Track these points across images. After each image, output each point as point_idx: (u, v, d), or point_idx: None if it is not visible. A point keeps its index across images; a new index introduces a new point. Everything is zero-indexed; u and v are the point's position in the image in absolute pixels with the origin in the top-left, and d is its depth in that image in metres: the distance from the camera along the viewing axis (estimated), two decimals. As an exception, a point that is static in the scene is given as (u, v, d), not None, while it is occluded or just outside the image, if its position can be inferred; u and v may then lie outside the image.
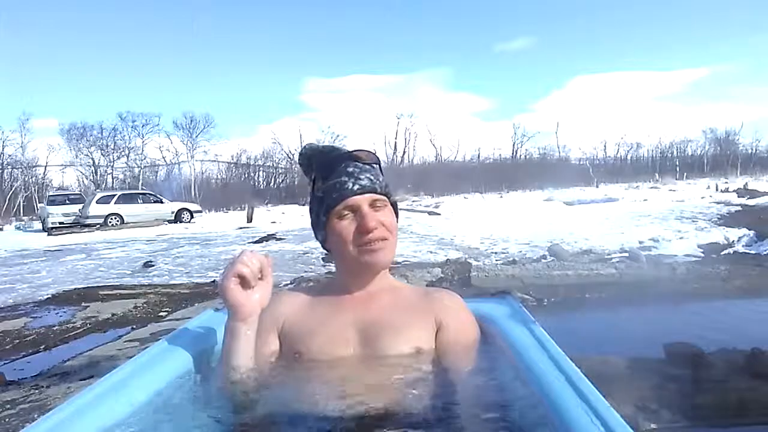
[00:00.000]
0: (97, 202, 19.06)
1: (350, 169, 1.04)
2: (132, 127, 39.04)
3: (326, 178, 1.06)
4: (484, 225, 12.01)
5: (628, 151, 51.57)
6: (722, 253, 6.98)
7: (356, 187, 1.02)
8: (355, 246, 1.03)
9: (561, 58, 75.39)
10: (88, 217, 18.66)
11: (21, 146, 37.60)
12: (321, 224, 1.08)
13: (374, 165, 1.08)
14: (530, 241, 8.79)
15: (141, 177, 38.30)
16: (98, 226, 18.24)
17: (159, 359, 1.01)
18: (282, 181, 43.88)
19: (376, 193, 1.04)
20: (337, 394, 0.87)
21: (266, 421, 0.84)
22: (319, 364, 0.99)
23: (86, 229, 17.80)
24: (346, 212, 1.03)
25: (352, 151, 1.07)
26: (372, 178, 1.04)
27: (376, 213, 1.03)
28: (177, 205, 20.99)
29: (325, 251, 1.14)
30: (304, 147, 1.11)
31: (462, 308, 1.10)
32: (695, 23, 72.68)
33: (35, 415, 2.58)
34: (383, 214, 1.04)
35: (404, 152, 45.83)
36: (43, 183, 38.52)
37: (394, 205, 1.10)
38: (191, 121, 40.30)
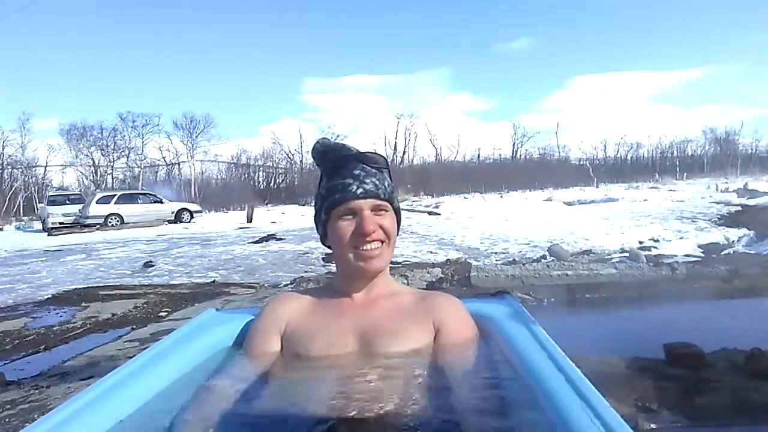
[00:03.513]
0: (97, 202, 19.06)
1: (356, 172, 1.04)
2: (132, 127, 39.00)
3: (332, 176, 1.06)
4: (484, 225, 12.02)
5: (628, 151, 51.54)
6: (722, 253, 6.99)
7: (360, 190, 1.02)
8: (351, 247, 1.04)
9: (561, 59, 75.14)
10: (88, 217, 18.66)
11: (21, 146, 37.56)
12: (321, 222, 1.09)
13: (381, 169, 1.08)
14: (530, 241, 8.79)
15: (141, 177, 38.26)
16: (98, 226, 18.24)
17: (159, 359, 1.01)
18: (282, 181, 43.81)
19: (379, 198, 1.04)
20: (336, 396, 0.87)
21: (266, 422, 0.84)
22: (318, 367, 0.99)
23: (86, 229, 17.80)
24: (347, 214, 1.03)
25: (361, 153, 1.07)
26: (377, 182, 1.04)
27: (376, 217, 1.04)
28: (177, 205, 20.97)
29: (325, 248, 1.15)
30: (318, 142, 1.10)
31: (460, 310, 1.10)
32: (695, 23, 72.62)
33: (35, 415, 2.58)
34: (384, 218, 1.05)
35: (404, 152, 45.72)
36: (43, 183, 38.44)
37: (396, 211, 1.10)
38: (191, 121, 40.20)
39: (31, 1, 59.65)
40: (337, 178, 1.04)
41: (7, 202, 32.76)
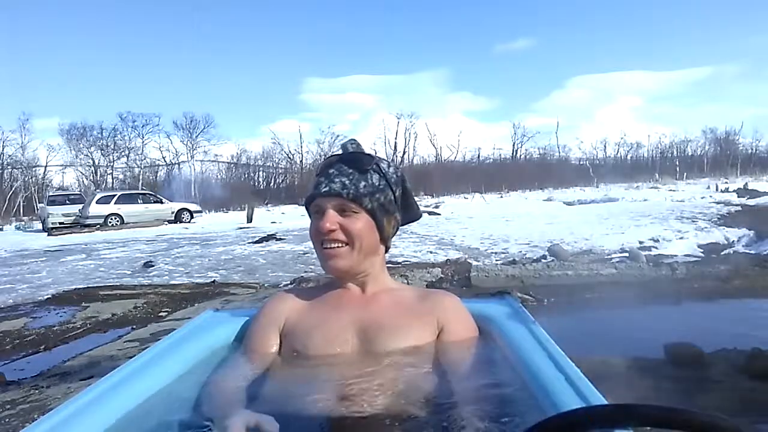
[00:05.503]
0: (97, 202, 19.07)
1: (331, 171, 1.05)
2: (132, 127, 39.04)
3: (317, 175, 1.09)
4: (484, 225, 12.02)
5: (628, 151, 51.59)
6: (722, 253, 6.98)
7: (325, 189, 1.03)
8: (318, 245, 1.05)
9: (561, 59, 75.18)
10: (88, 217, 18.67)
11: (21, 146, 37.52)
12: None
13: (365, 170, 1.04)
14: (530, 241, 8.79)
15: (141, 177, 38.25)
16: (98, 226, 18.25)
17: (159, 359, 1.02)
18: (282, 181, 43.82)
19: (342, 198, 1.02)
20: (335, 393, 0.87)
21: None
22: (318, 363, 0.99)
23: (86, 229, 17.80)
24: (315, 211, 1.05)
25: (349, 153, 1.07)
26: (347, 182, 1.02)
27: (339, 217, 1.02)
28: (177, 205, 21.00)
29: None
30: (342, 145, 1.11)
31: (462, 310, 1.10)
32: (695, 23, 72.65)
33: (35, 415, 2.58)
34: (350, 220, 1.02)
35: (404, 152, 45.63)
36: (43, 183, 38.40)
37: (371, 213, 1.04)
38: (191, 121, 40.26)
39: (31, 2, 59.66)
40: (317, 176, 1.07)
41: (7, 202, 32.77)
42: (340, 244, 1.03)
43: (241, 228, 16.07)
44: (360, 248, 1.04)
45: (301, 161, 42.28)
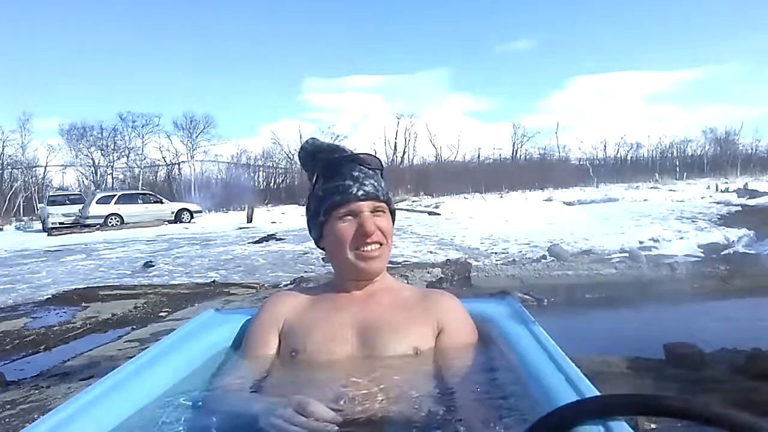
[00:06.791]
0: (97, 203, 19.06)
1: (355, 174, 1.05)
2: (132, 127, 38.94)
3: (329, 178, 1.06)
4: (484, 225, 12.02)
5: (628, 151, 51.48)
6: (722, 253, 6.98)
7: (360, 192, 1.03)
8: (351, 249, 1.05)
9: (561, 59, 74.84)
10: (88, 218, 18.65)
11: (21, 146, 37.48)
12: (318, 223, 1.09)
13: (377, 170, 1.09)
14: (530, 241, 8.79)
15: (141, 177, 38.24)
16: (98, 226, 18.23)
17: (159, 359, 1.02)
18: (282, 181, 43.81)
19: (378, 200, 1.05)
20: (334, 393, 0.86)
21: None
22: (316, 362, 0.99)
23: (86, 230, 17.79)
24: (347, 215, 1.04)
25: (358, 155, 1.08)
26: (375, 184, 1.06)
27: (375, 218, 1.05)
28: (177, 206, 21.00)
29: (320, 249, 1.15)
30: (307, 141, 1.11)
31: (461, 311, 1.10)
32: (694, 23, 72.53)
33: (35, 415, 2.58)
34: (382, 220, 1.06)
35: (404, 152, 45.55)
36: (43, 183, 38.37)
37: (392, 212, 1.11)
38: (191, 121, 40.26)
39: (31, 2, 59.62)
40: (337, 179, 1.05)
41: (7, 202, 32.75)
42: (378, 245, 1.05)
43: (241, 228, 16.06)
44: (390, 246, 1.10)
45: (301, 161, 42.21)
